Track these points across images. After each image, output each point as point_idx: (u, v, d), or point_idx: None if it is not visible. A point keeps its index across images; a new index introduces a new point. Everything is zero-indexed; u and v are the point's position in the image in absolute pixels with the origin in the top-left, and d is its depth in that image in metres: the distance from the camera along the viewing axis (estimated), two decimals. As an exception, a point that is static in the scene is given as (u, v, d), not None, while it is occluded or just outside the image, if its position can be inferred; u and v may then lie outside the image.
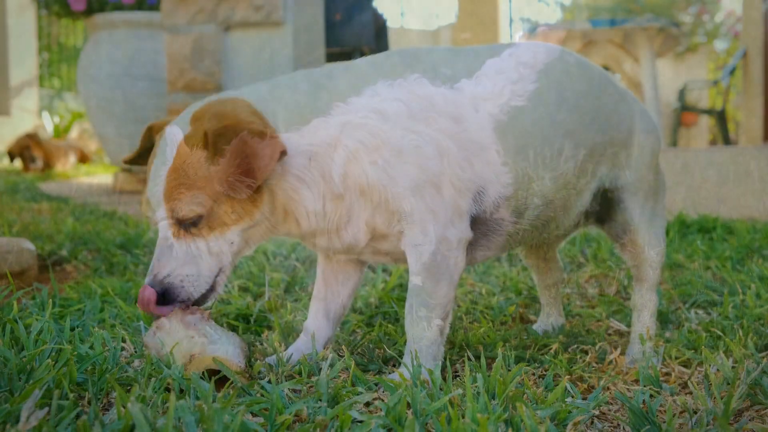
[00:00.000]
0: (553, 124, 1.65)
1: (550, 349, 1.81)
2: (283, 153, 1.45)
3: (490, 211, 1.63)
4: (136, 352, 1.70)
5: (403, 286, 2.55)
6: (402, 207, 1.54)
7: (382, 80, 1.57)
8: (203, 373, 1.47)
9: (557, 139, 1.65)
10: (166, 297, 1.50)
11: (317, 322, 1.79)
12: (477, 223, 1.63)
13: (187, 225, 1.49)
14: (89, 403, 1.39)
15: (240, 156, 1.43)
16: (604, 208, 1.85)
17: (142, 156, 1.65)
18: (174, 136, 1.51)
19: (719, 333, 1.89)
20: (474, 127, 1.58)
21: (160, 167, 1.51)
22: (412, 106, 1.55)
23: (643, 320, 1.86)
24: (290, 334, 1.88)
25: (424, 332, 1.55)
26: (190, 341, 1.49)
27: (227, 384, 1.46)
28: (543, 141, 1.64)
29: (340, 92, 1.56)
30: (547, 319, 2.11)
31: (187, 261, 1.50)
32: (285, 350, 1.71)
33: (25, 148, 8.27)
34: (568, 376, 1.53)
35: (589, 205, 1.81)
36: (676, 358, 1.73)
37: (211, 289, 1.54)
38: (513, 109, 1.62)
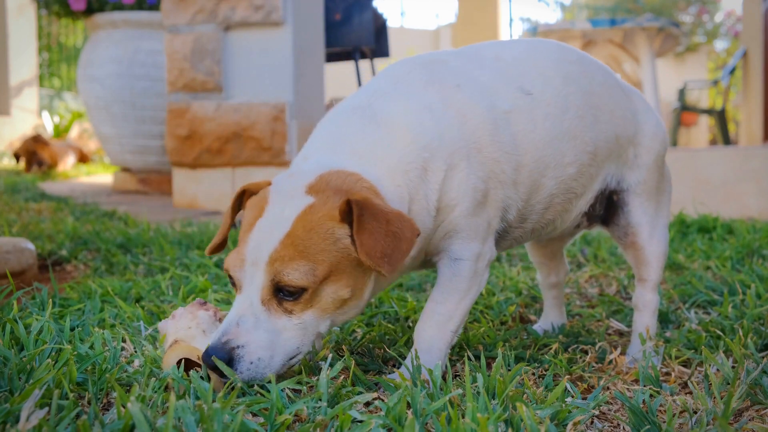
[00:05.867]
0: (560, 128, 1.67)
1: (550, 349, 1.81)
2: (418, 235, 1.42)
3: (509, 222, 1.66)
4: (136, 352, 1.70)
5: (403, 286, 2.55)
6: (458, 222, 1.55)
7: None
8: (182, 362, 1.49)
9: (562, 144, 1.67)
10: (230, 364, 1.38)
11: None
12: None
13: (284, 295, 1.41)
14: (89, 403, 1.39)
15: (382, 232, 1.38)
16: (609, 211, 1.86)
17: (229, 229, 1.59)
18: (294, 200, 1.44)
19: (719, 333, 1.89)
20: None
21: (273, 228, 1.41)
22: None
23: (644, 320, 1.86)
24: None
25: (436, 340, 1.57)
26: (187, 331, 1.51)
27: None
28: (552, 148, 1.65)
29: None
30: (546, 318, 2.12)
31: (266, 342, 1.40)
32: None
33: (32, 153, 8.25)
34: (568, 376, 1.53)
35: (592, 207, 1.82)
36: (676, 358, 1.73)
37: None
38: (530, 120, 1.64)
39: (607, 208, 1.86)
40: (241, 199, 1.58)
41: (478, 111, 1.56)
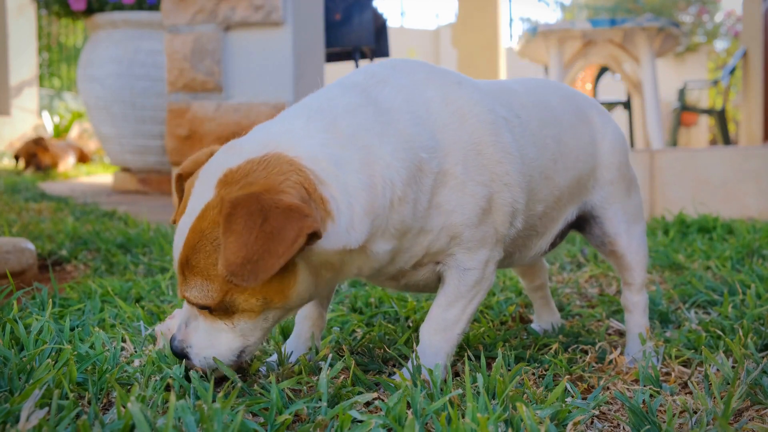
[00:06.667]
0: (539, 163, 1.65)
1: (550, 349, 1.81)
2: (315, 235, 1.21)
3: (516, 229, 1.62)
4: (136, 352, 1.70)
5: (403, 286, 2.55)
6: (462, 231, 1.48)
7: None
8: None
9: (539, 179, 1.65)
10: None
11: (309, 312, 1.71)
12: None
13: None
14: (89, 403, 1.39)
15: (254, 233, 1.17)
16: (581, 223, 1.85)
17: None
18: (205, 194, 1.31)
19: (719, 333, 1.89)
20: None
21: (181, 231, 1.32)
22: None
23: (637, 320, 1.87)
24: (289, 333, 1.88)
25: (443, 344, 1.55)
26: None
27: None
28: (534, 176, 1.63)
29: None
30: (541, 319, 2.11)
31: (207, 342, 1.38)
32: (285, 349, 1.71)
33: (32, 156, 8.25)
34: (568, 376, 1.53)
35: (552, 246, 1.81)
36: (676, 357, 1.73)
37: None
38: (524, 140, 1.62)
39: (579, 221, 1.85)
40: (181, 186, 1.48)
41: (477, 110, 1.49)
